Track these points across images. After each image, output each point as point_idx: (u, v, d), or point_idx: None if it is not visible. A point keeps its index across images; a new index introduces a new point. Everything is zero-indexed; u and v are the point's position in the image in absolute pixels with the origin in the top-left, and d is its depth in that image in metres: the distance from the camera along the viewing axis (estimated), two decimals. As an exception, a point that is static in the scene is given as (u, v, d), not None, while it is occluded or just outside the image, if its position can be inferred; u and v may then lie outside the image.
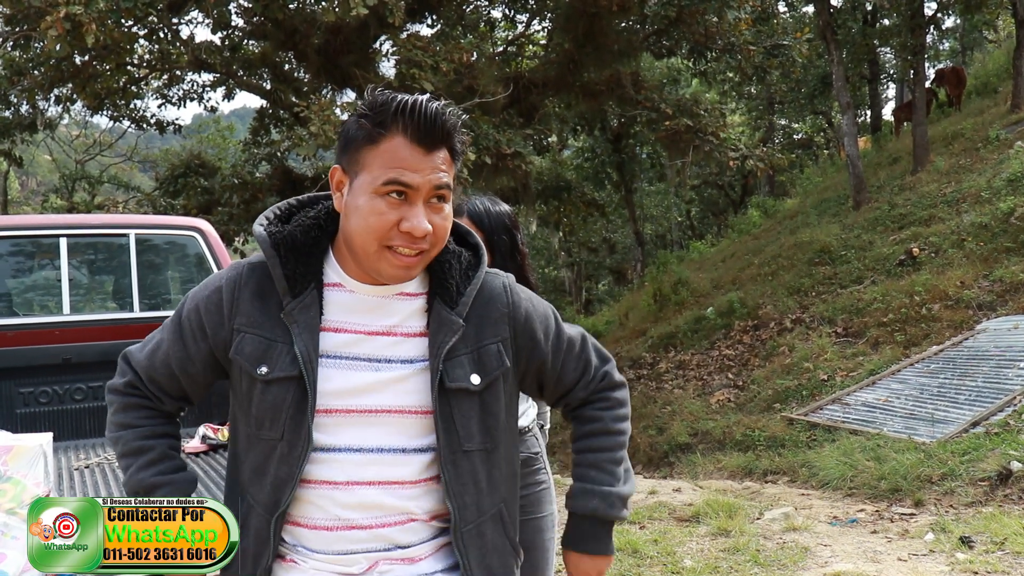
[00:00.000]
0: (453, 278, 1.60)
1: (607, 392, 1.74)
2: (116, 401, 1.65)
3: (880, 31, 17.79)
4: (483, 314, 1.62)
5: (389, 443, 1.56)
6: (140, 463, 1.59)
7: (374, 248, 1.48)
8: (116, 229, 5.02)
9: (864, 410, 8.60)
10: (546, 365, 1.68)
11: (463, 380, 1.56)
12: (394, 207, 1.46)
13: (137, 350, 1.68)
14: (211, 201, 15.50)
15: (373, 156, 1.47)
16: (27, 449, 2.18)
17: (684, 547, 5.39)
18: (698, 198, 29.68)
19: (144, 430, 1.62)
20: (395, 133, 1.46)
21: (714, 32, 13.73)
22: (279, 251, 1.55)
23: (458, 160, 1.56)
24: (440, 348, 1.55)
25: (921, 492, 6.16)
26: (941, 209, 12.98)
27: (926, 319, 10.25)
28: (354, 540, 1.54)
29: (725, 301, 13.79)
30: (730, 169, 17.75)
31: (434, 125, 1.47)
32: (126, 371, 1.67)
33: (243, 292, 1.56)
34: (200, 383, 1.65)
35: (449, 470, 1.56)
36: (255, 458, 1.56)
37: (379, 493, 1.55)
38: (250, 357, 1.53)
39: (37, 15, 10.23)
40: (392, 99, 1.47)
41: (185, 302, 1.62)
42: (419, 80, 10.69)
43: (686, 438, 10.09)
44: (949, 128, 17.04)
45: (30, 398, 4.50)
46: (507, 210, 2.70)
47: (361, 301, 1.57)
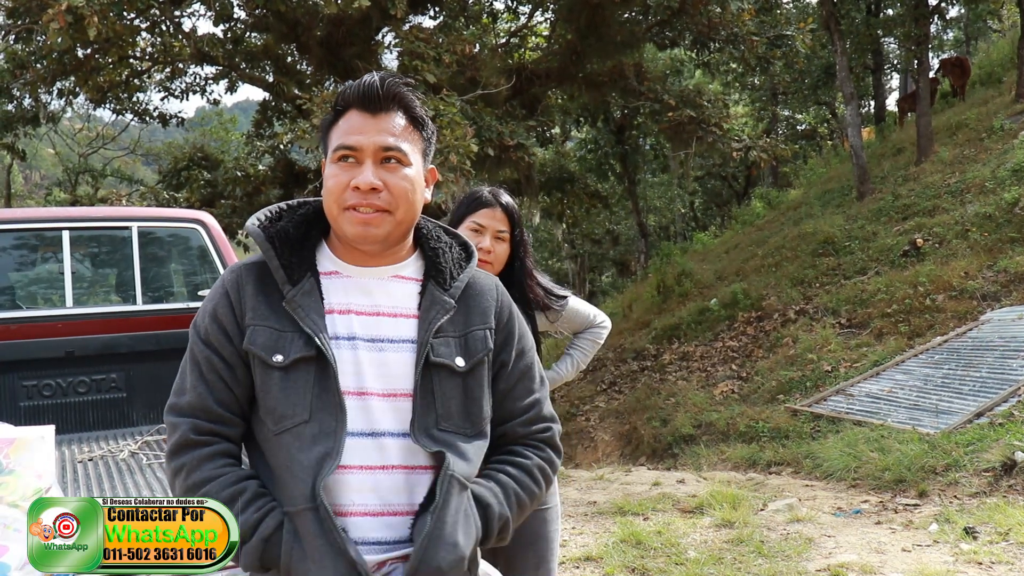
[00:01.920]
0: (447, 264, 1.68)
1: (547, 448, 1.73)
2: (186, 462, 1.54)
3: (884, 21, 17.70)
4: (472, 304, 1.68)
5: (391, 427, 1.57)
6: (238, 507, 1.49)
7: (335, 211, 1.58)
8: (119, 222, 5.02)
9: (868, 401, 8.60)
10: (504, 370, 1.70)
11: (448, 358, 1.60)
12: (346, 170, 1.57)
13: (177, 400, 1.60)
14: (214, 194, 15.47)
15: (334, 133, 1.62)
16: (29, 442, 2.18)
17: (688, 538, 5.39)
18: (701, 189, 29.58)
19: (229, 477, 1.52)
20: (349, 109, 1.61)
21: (717, 23, 13.66)
22: (273, 244, 1.61)
23: (424, 131, 1.66)
24: (431, 325, 1.60)
25: (925, 483, 6.16)
26: (945, 200, 12.95)
27: (930, 310, 10.24)
28: (365, 528, 1.53)
29: (729, 292, 13.78)
30: (734, 160, 17.70)
31: (375, 90, 1.58)
32: (179, 425, 1.57)
33: (246, 289, 1.59)
34: (248, 386, 1.59)
35: (425, 443, 1.55)
36: (283, 456, 1.52)
37: (387, 478, 1.55)
38: (264, 347, 1.54)
39: (39, 8, 10.20)
40: (350, 83, 1.63)
41: (197, 325, 1.63)
42: (422, 72, 10.68)
43: (690, 429, 10.09)
44: (953, 118, 16.98)
45: (33, 391, 4.50)
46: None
47: (357, 284, 1.63)
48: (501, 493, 1.62)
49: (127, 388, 4.69)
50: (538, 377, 1.76)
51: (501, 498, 1.62)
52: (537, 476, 1.68)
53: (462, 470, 1.55)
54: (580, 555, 5.14)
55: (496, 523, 1.59)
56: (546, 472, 1.71)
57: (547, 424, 1.74)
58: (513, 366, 1.71)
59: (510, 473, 1.66)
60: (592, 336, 3.07)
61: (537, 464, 1.69)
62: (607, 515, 6.15)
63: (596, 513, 6.27)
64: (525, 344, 1.74)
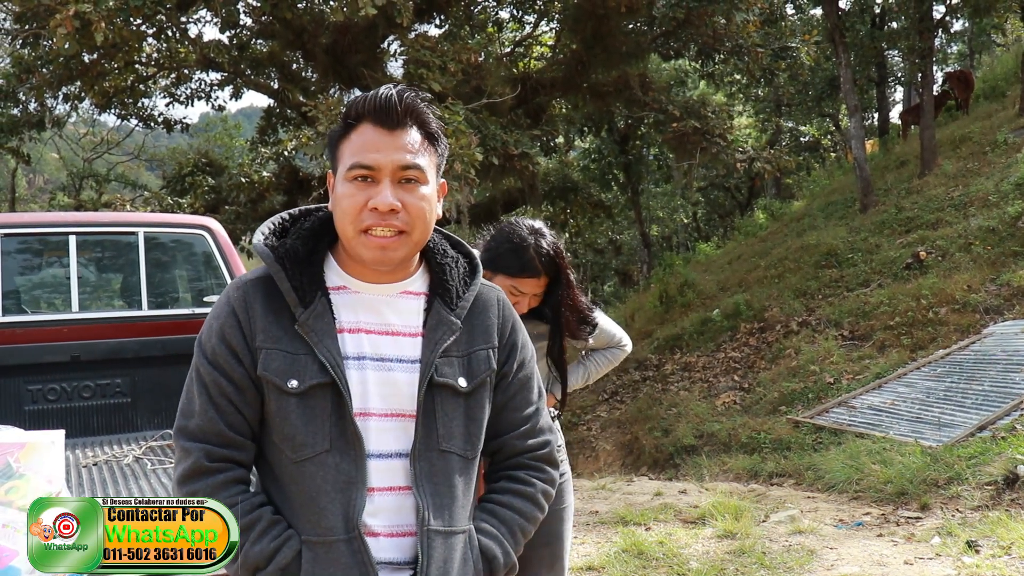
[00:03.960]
0: (453, 281, 1.64)
1: (546, 466, 1.72)
2: (199, 488, 1.50)
3: (888, 34, 17.75)
4: (476, 323, 1.65)
5: (394, 448, 1.56)
6: (253, 536, 1.48)
7: (351, 233, 1.53)
8: (125, 227, 5.03)
9: (870, 413, 8.59)
10: (505, 381, 1.69)
11: (451, 378, 1.58)
12: (362, 189, 1.52)
13: (186, 423, 1.56)
14: (218, 200, 15.51)
15: (345, 147, 1.56)
16: (40, 446, 2.18)
17: (690, 549, 5.38)
18: (704, 200, 29.59)
19: (244, 506, 1.50)
20: (363, 122, 1.54)
21: (722, 34, 13.71)
22: (284, 264, 1.56)
23: (438, 146, 1.61)
24: (436, 346, 1.58)
25: (927, 496, 6.15)
26: (948, 213, 12.95)
27: (933, 323, 10.23)
28: (377, 549, 1.53)
29: (731, 303, 13.77)
30: (737, 171, 17.72)
31: (392, 105, 1.52)
32: (191, 450, 1.53)
33: (254, 309, 1.55)
34: (258, 408, 1.56)
35: (422, 466, 1.54)
36: (306, 486, 1.51)
37: (394, 500, 1.56)
38: (278, 372, 1.51)
39: (47, 13, 10.24)
40: (362, 95, 1.56)
41: (201, 343, 1.58)
42: (427, 80, 10.70)
43: (692, 440, 10.08)
44: (957, 132, 17.00)
45: (39, 395, 4.50)
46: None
47: (366, 301, 1.60)
48: (507, 535, 1.63)
49: (132, 393, 4.70)
50: (536, 388, 1.74)
51: (508, 542, 1.63)
52: (540, 501, 1.69)
53: (446, 518, 1.55)
54: (582, 564, 5.14)
55: (501, 572, 1.61)
56: (548, 494, 1.71)
57: (545, 438, 1.73)
58: (514, 377, 1.70)
59: (515, 507, 1.66)
60: (610, 355, 3.07)
61: (541, 489, 1.69)
62: (609, 525, 6.15)
63: (598, 522, 6.26)
64: (526, 355, 1.73)
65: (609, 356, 3.07)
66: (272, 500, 1.56)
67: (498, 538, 1.62)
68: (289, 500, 1.53)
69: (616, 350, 3.07)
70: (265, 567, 1.47)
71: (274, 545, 1.48)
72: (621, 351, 3.08)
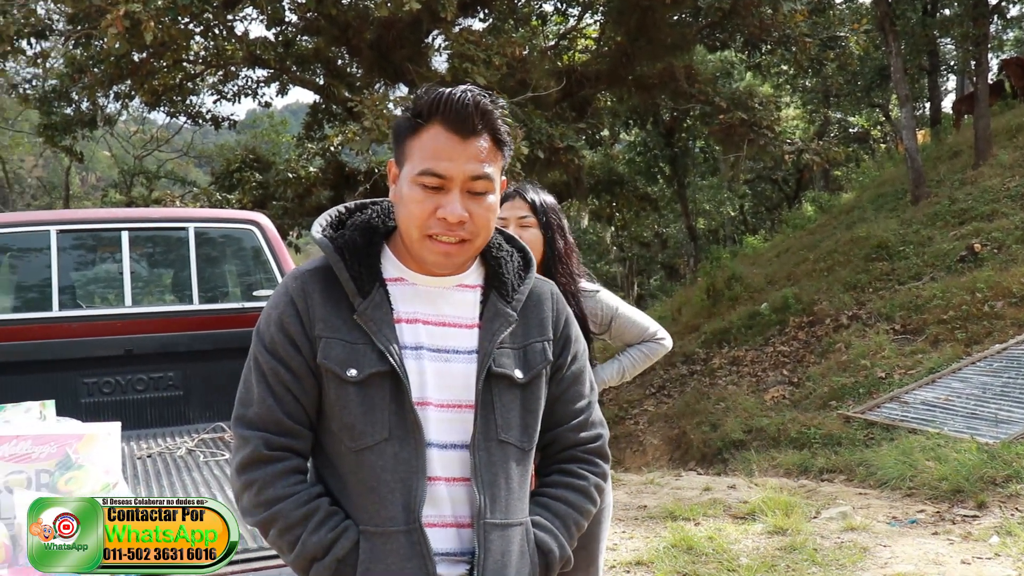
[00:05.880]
0: (509, 274, 1.65)
1: (598, 459, 1.73)
2: (258, 477, 1.50)
3: (941, 21, 17.36)
4: (531, 315, 1.67)
5: (452, 439, 1.56)
6: (311, 526, 1.48)
7: (416, 236, 1.53)
8: (176, 223, 5.11)
9: (924, 409, 8.43)
10: (559, 374, 1.69)
11: (508, 369, 1.59)
12: (431, 195, 1.51)
13: (244, 412, 1.56)
14: (265, 195, 15.65)
15: (415, 146, 1.54)
16: (97, 438, 2.23)
17: (740, 545, 5.32)
18: (751, 192, 29.27)
19: (301, 496, 1.50)
20: (434, 123, 1.52)
21: (769, 24, 13.52)
22: (343, 255, 1.57)
23: (505, 150, 1.59)
24: (494, 336, 1.58)
25: (984, 494, 6.00)
26: (1005, 204, 12.66)
27: (989, 317, 10.01)
28: (435, 540, 1.52)
29: (780, 297, 13.61)
30: (785, 163, 17.51)
31: (468, 112, 1.50)
32: (249, 438, 1.53)
33: (313, 298, 1.55)
34: (316, 397, 1.56)
35: (480, 456, 1.55)
36: (365, 475, 1.51)
37: (450, 490, 1.56)
38: (337, 360, 1.51)
39: (98, 13, 10.42)
40: (433, 91, 1.53)
41: (261, 333, 1.58)
42: (472, 74, 10.70)
43: (740, 435, 9.98)
44: (1013, 121, 16.60)
45: (94, 388, 4.59)
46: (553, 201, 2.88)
47: (422, 292, 1.60)
48: (562, 528, 1.64)
49: (184, 387, 4.77)
50: (588, 382, 1.75)
51: (563, 536, 1.64)
52: (593, 495, 1.70)
53: (503, 510, 1.55)
54: (631, 559, 5.11)
55: (557, 566, 1.62)
56: (601, 488, 1.72)
57: (597, 432, 1.74)
58: (567, 370, 1.70)
59: (569, 501, 1.67)
60: (647, 349, 3.00)
61: (594, 483, 1.70)
62: (657, 519, 6.10)
63: (646, 517, 6.22)
64: (579, 348, 1.74)
65: (646, 351, 3.00)
66: (329, 491, 1.56)
67: (553, 532, 1.63)
68: (347, 490, 1.53)
69: (653, 344, 3.00)
70: (322, 558, 1.47)
71: (332, 536, 1.48)
72: (659, 345, 3.00)
